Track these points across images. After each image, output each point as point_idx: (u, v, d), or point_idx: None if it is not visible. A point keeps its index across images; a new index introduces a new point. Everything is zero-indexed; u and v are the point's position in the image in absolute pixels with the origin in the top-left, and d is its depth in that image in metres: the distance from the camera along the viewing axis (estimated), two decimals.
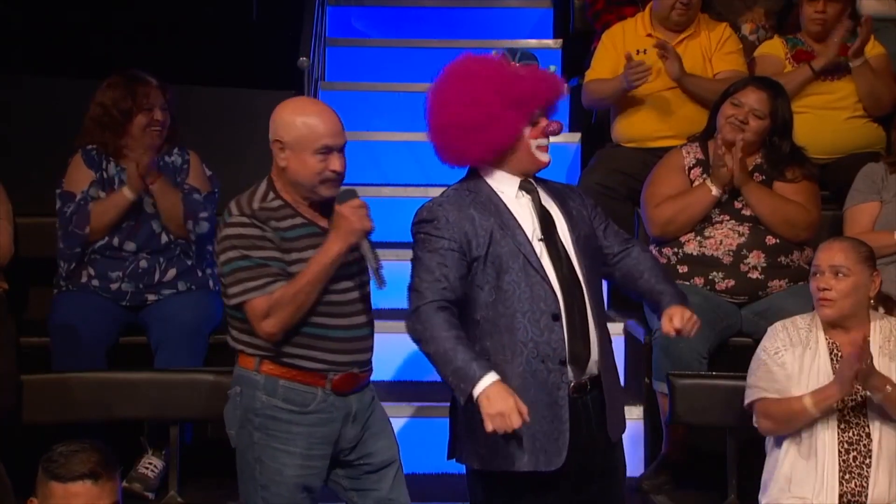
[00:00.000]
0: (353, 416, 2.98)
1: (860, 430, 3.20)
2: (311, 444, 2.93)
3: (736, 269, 3.90)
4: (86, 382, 3.57)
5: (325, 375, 2.93)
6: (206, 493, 3.69)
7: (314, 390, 2.92)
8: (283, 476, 2.92)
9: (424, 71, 5.39)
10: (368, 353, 3.01)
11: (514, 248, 2.84)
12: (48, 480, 2.50)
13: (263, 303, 2.84)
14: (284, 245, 2.87)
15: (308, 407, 2.92)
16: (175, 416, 3.58)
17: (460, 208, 2.88)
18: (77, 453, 2.51)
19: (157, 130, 3.95)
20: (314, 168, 2.87)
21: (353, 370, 2.96)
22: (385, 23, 5.84)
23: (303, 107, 2.94)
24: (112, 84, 3.95)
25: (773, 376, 3.26)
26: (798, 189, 3.97)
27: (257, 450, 2.93)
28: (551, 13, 5.85)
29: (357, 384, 2.98)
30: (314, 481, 2.97)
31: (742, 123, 3.96)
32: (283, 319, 2.84)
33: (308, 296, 2.85)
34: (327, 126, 2.88)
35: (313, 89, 4.85)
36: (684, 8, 4.53)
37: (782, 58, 4.59)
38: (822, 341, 3.27)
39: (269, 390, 2.92)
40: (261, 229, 2.85)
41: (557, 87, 2.89)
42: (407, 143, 5.02)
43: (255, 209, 2.87)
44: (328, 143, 2.87)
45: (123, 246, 3.89)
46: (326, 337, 2.91)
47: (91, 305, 3.83)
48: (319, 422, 2.94)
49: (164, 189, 3.90)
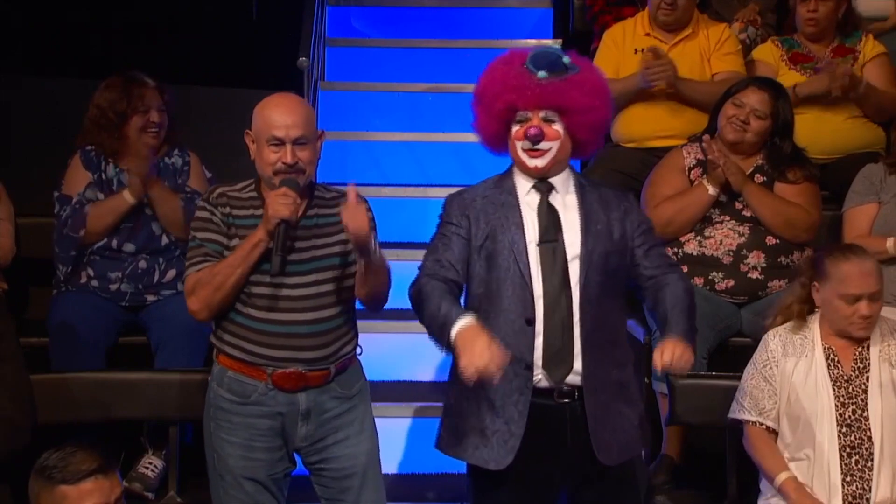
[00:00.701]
0: (301, 414, 2.98)
1: (861, 434, 3.20)
2: (252, 436, 2.96)
3: (736, 270, 3.90)
4: (85, 382, 3.57)
5: (264, 370, 2.95)
6: (205, 493, 3.68)
7: (255, 383, 2.96)
8: (228, 466, 2.98)
9: (424, 71, 5.44)
10: (317, 351, 2.96)
11: (507, 246, 2.88)
12: (54, 486, 2.48)
13: (191, 280, 2.95)
14: (231, 231, 2.94)
15: (249, 398, 2.96)
16: (175, 417, 3.58)
17: (475, 198, 2.96)
18: (75, 453, 2.50)
19: (153, 132, 3.95)
20: (268, 159, 2.93)
21: (297, 367, 2.94)
22: (385, 23, 5.83)
23: (268, 100, 2.98)
24: (109, 85, 3.95)
25: (760, 393, 3.28)
26: (799, 190, 3.97)
27: (212, 439, 3.01)
28: (551, 13, 5.85)
29: (305, 382, 2.96)
30: (262, 474, 2.98)
31: (743, 124, 3.96)
32: (203, 298, 2.92)
33: (225, 277, 2.90)
34: (282, 118, 2.92)
35: (313, 89, 4.84)
36: (669, 8, 4.53)
37: (775, 63, 4.59)
38: (818, 349, 3.28)
39: (218, 381, 3.01)
40: (209, 212, 2.97)
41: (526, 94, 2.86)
42: (406, 143, 5.02)
43: (214, 195, 2.99)
44: (277, 134, 2.91)
45: (123, 247, 3.89)
46: (263, 331, 2.94)
47: (90, 306, 3.83)
48: (260, 414, 2.96)
49: (163, 195, 3.89)
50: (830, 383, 3.23)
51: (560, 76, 2.87)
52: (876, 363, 3.24)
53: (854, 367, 3.25)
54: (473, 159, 5.00)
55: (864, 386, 3.23)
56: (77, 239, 3.84)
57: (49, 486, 2.49)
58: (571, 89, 2.87)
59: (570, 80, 2.87)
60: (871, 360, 3.25)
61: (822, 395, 3.23)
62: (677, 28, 4.59)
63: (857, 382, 3.23)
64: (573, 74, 2.88)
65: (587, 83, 2.90)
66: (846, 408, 3.21)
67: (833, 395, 3.22)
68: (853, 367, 3.25)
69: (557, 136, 2.90)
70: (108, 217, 3.85)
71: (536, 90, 2.86)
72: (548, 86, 2.86)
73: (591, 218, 2.91)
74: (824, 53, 4.60)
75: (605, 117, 2.97)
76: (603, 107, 2.93)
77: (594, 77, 2.95)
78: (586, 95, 2.88)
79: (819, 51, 4.61)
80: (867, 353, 3.27)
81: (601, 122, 2.95)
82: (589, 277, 2.86)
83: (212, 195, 2.99)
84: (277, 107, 2.94)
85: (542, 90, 2.86)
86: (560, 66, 2.88)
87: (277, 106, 2.95)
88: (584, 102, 2.88)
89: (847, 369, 3.25)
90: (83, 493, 2.48)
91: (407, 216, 4.64)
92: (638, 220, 2.99)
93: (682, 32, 4.59)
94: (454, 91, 5.24)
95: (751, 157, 4.02)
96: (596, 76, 2.96)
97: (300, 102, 3.01)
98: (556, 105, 2.87)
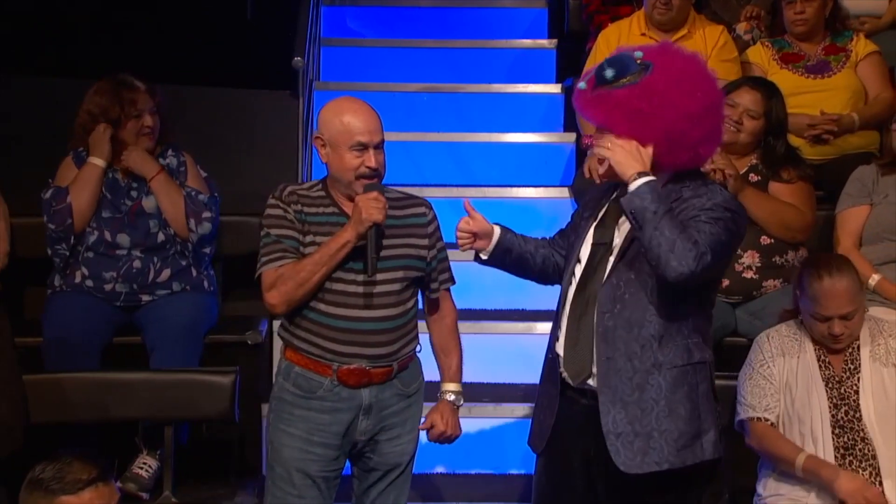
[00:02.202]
0: (365, 409, 3.03)
1: (855, 434, 3.21)
2: (311, 429, 3.01)
3: (731, 269, 3.90)
4: (80, 383, 3.57)
5: (330, 365, 3.00)
6: (200, 493, 3.69)
7: (321, 379, 3.01)
8: (282, 457, 3.03)
9: (419, 71, 5.44)
10: (382, 348, 3.02)
11: (577, 243, 2.91)
12: (54, 498, 2.44)
13: (271, 275, 3.00)
14: (305, 228, 3.00)
15: (314, 394, 3.01)
16: (170, 417, 3.58)
17: (592, 195, 3.00)
18: (72, 463, 2.47)
19: (148, 135, 3.94)
20: (350, 164, 2.99)
21: (361, 364, 2.99)
22: (380, 23, 5.83)
23: (342, 105, 3.05)
24: (99, 90, 3.94)
25: (762, 391, 3.29)
26: (794, 190, 3.97)
27: (270, 431, 3.08)
28: (546, 13, 5.85)
29: (368, 378, 3.01)
30: (314, 469, 3.02)
31: (737, 124, 3.96)
32: (284, 293, 2.97)
33: (310, 274, 2.96)
34: (362, 123, 2.99)
35: (308, 89, 4.84)
36: (664, 8, 4.54)
37: (765, 64, 4.60)
38: (809, 350, 3.29)
39: (285, 375, 3.07)
40: (283, 209, 3.03)
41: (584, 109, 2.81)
42: (402, 143, 5.01)
43: (285, 193, 3.05)
44: (362, 139, 2.98)
45: (117, 239, 3.88)
46: (330, 326, 2.99)
47: (84, 306, 3.82)
48: (323, 409, 3.01)
49: (167, 187, 3.89)
50: (823, 384, 3.25)
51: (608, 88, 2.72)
52: (867, 363, 3.25)
53: (845, 367, 3.27)
54: (469, 159, 5.02)
55: (855, 387, 3.24)
56: (66, 207, 3.82)
57: (48, 497, 2.45)
58: (612, 109, 2.72)
59: (611, 96, 2.71)
60: (862, 360, 3.26)
61: (815, 396, 3.24)
62: (673, 28, 4.59)
63: (849, 384, 3.25)
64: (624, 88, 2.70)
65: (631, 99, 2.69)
66: (839, 409, 3.22)
67: (826, 395, 3.24)
68: (844, 368, 3.27)
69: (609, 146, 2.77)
70: (86, 187, 3.85)
71: (580, 102, 2.83)
72: (592, 98, 2.75)
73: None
74: (816, 52, 4.61)
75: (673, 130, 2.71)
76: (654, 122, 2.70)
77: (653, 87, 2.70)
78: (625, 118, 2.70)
79: (810, 49, 4.62)
80: (857, 354, 3.28)
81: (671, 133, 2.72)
82: (621, 270, 2.78)
83: (283, 193, 3.04)
84: (357, 112, 3.01)
85: (585, 104, 2.80)
86: (604, 80, 2.72)
87: (357, 112, 3.01)
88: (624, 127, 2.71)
89: (838, 370, 3.27)
90: (84, 502, 2.46)
91: None
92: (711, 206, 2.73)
93: (677, 32, 4.59)
94: (449, 91, 5.25)
95: (745, 157, 4.02)
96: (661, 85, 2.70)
97: (372, 107, 3.06)
98: (594, 121, 2.82)
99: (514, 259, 3.01)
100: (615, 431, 2.77)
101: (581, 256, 2.88)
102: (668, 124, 2.71)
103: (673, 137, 2.73)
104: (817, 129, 4.42)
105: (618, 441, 2.76)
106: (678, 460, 2.76)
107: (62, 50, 5.09)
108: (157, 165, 3.92)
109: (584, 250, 2.88)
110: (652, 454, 2.75)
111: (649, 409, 2.76)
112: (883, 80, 4.58)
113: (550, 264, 3.03)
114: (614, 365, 2.77)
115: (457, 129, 5.10)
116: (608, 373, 2.78)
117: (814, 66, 4.58)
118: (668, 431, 2.76)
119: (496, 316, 4.31)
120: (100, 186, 3.87)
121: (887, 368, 3.25)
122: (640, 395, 2.76)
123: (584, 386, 2.84)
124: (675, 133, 2.72)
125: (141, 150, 3.90)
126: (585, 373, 2.82)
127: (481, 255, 2.98)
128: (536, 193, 4.76)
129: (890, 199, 3.93)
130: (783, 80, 4.43)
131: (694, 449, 2.78)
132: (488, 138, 5.05)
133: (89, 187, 3.86)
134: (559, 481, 2.92)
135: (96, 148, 3.88)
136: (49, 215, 3.86)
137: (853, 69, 4.58)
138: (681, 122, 2.72)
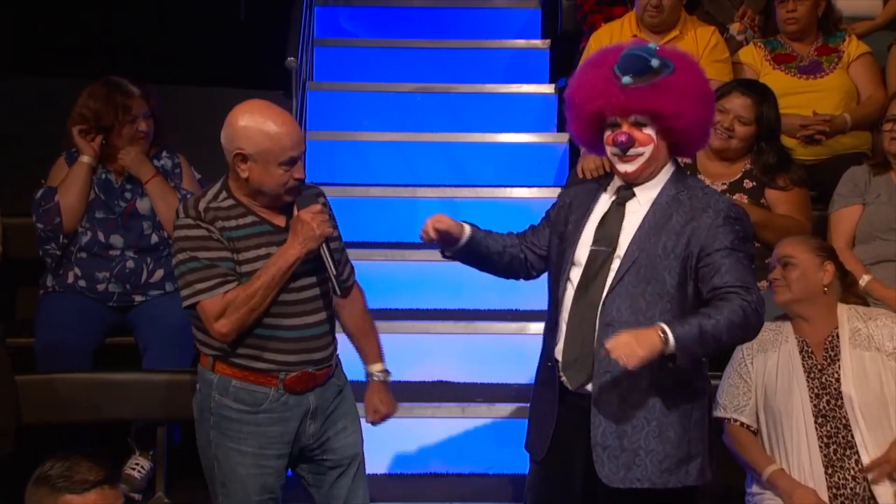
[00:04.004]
0: (311, 412, 2.98)
1: (837, 422, 3.23)
2: (263, 444, 2.94)
3: None
4: (73, 383, 3.57)
5: (276, 375, 2.93)
6: (193, 493, 3.68)
7: (266, 390, 2.93)
8: (237, 475, 2.95)
9: (412, 71, 5.44)
10: (324, 350, 2.98)
11: (570, 244, 2.86)
12: (59, 496, 2.43)
13: (216, 304, 2.85)
14: (234, 245, 2.88)
15: (260, 406, 2.93)
16: (162, 417, 3.57)
17: (577, 192, 2.97)
18: (80, 463, 2.46)
19: (142, 139, 3.93)
20: (280, 179, 2.87)
21: (308, 369, 2.95)
22: (373, 23, 5.83)
23: (260, 114, 2.86)
24: (93, 94, 3.90)
25: (735, 390, 3.32)
26: (790, 197, 3.96)
27: (214, 448, 2.97)
28: (539, 13, 5.85)
29: (314, 382, 2.97)
30: (271, 480, 2.97)
31: (728, 131, 3.96)
32: (236, 321, 2.86)
33: (262, 299, 2.86)
34: (292, 136, 2.86)
35: (301, 89, 4.84)
36: (655, 10, 4.54)
37: (757, 65, 4.61)
38: (791, 339, 3.32)
39: (221, 390, 2.94)
40: (206, 230, 2.86)
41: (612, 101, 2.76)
42: (395, 143, 5.02)
43: (200, 210, 2.88)
44: (293, 154, 2.87)
45: (110, 240, 3.87)
46: (276, 337, 2.91)
47: (77, 306, 3.82)
48: (271, 421, 2.94)
49: (162, 190, 3.88)
50: (804, 374, 3.26)
51: (647, 80, 2.74)
52: (846, 349, 3.26)
53: (825, 355, 3.28)
54: (462, 159, 5.02)
55: (836, 374, 3.26)
56: (55, 226, 3.80)
57: (53, 495, 2.44)
58: (659, 95, 2.73)
59: (657, 84, 2.74)
60: (842, 346, 3.28)
61: (796, 387, 3.26)
62: (664, 30, 4.60)
63: (830, 371, 3.27)
64: (663, 77, 2.74)
65: (678, 85, 2.75)
66: (820, 398, 3.25)
67: (807, 386, 3.26)
68: (824, 356, 3.28)
69: (649, 140, 2.79)
70: (73, 185, 3.82)
71: (622, 97, 2.75)
72: (634, 91, 2.74)
73: (654, 223, 2.78)
74: (808, 52, 4.62)
75: (702, 118, 2.82)
76: (697, 108, 2.78)
77: (686, 77, 2.78)
78: (678, 99, 2.74)
79: (803, 49, 4.63)
80: (837, 342, 3.29)
81: (696, 123, 2.81)
82: (628, 282, 2.76)
83: (199, 212, 2.87)
84: (283, 124, 2.85)
85: (628, 97, 2.75)
86: (648, 69, 2.74)
87: (283, 123, 2.85)
88: (674, 107, 2.74)
89: (819, 359, 3.28)
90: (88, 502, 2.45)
91: (395, 216, 4.64)
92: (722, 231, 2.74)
93: (669, 34, 4.60)
94: (443, 91, 5.25)
95: (738, 162, 4.02)
96: (688, 76, 2.79)
97: (287, 113, 2.93)
98: (642, 111, 2.76)
99: (480, 257, 3.00)
100: (603, 444, 2.78)
101: (577, 259, 2.85)
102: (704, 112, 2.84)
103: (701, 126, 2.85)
104: (810, 129, 4.42)
105: (604, 453, 2.78)
106: (661, 481, 2.78)
107: (55, 49, 5.08)
108: (152, 168, 3.90)
109: (581, 253, 2.84)
110: (635, 471, 2.77)
111: (640, 428, 2.78)
112: (875, 80, 4.59)
113: (518, 262, 3.01)
114: (612, 379, 2.76)
115: (450, 130, 5.10)
116: (604, 386, 2.78)
117: (806, 66, 4.59)
118: (655, 452, 2.78)
119: (489, 316, 4.31)
120: (88, 184, 3.85)
121: (869, 352, 3.26)
122: (633, 413, 2.77)
123: (582, 391, 2.82)
124: (704, 123, 2.86)
125: (138, 151, 3.88)
126: (586, 378, 2.81)
127: (446, 252, 2.98)
128: (530, 193, 4.76)
129: (882, 199, 3.95)
130: (776, 80, 4.44)
131: (678, 473, 2.80)
132: (482, 138, 5.06)
133: (77, 185, 3.83)
134: (558, 486, 2.90)
135: (83, 147, 3.86)
136: (38, 215, 3.85)
137: (845, 70, 4.59)
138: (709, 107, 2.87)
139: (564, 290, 2.86)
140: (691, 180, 2.92)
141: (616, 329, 2.71)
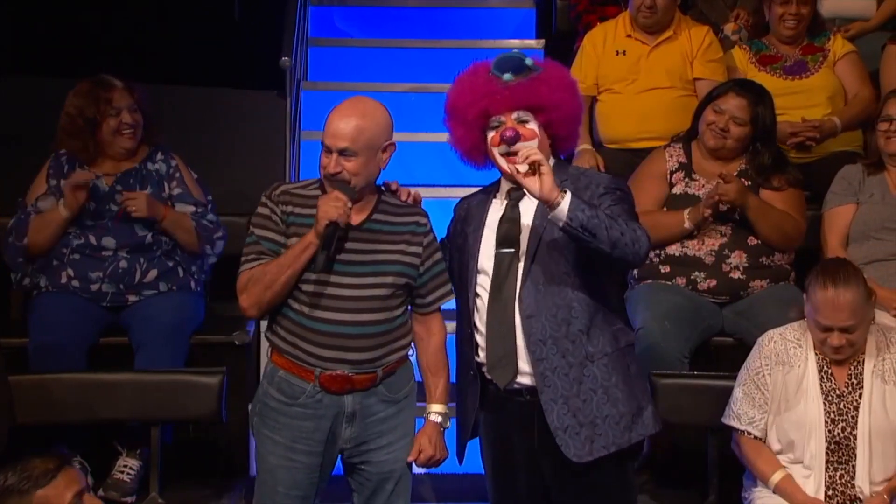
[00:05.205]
0: (348, 416, 2.98)
1: (850, 451, 3.18)
2: (295, 437, 2.97)
3: (718, 270, 3.91)
4: (66, 383, 3.56)
5: (312, 371, 2.95)
6: (186, 493, 3.68)
7: (304, 384, 2.97)
8: (268, 463, 3.00)
9: (407, 71, 5.44)
10: (363, 353, 2.96)
11: (471, 255, 2.97)
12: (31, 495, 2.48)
13: (243, 278, 2.96)
14: (290, 229, 2.95)
15: (297, 400, 2.97)
16: (156, 417, 3.56)
17: (468, 204, 3.08)
18: (31, 461, 2.52)
19: (128, 133, 3.92)
20: (321, 162, 2.96)
21: (343, 369, 2.94)
22: (368, 23, 5.83)
23: (340, 104, 2.97)
24: (78, 92, 3.92)
25: (751, 401, 3.26)
26: (785, 198, 3.96)
27: (256, 434, 3.05)
28: (534, 13, 5.86)
29: (350, 385, 2.96)
30: (300, 476, 2.98)
31: (723, 132, 3.96)
32: (253, 295, 2.93)
33: (275, 276, 2.91)
34: (333, 126, 2.92)
35: (295, 89, 4.84)
36: (649, 11, 4.56)
37: (744, 67, 4.62)
38: (811, 359, 3.24)
39: (269, 378, 3.03)
40: (270, 210, 2.98)
41: (496, 98, 2.91)
42: None
43: (276, 192, 2.99)
44: (326, 141, 2.94)
45: (102, 242, 3.86)
46: (313, 329, 2.94)
47: (70, 306, 3.80)
48: (304, 416, 2.96)
49: (177, 220, 3.89)
50: (822, 397, 3.20)
51: (526, 76, 2.93)
52: (869, 379, 3.20)
53: (848, 382, 3.21)
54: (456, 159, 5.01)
55: (856, 403, 3.19)
56: (21, 247, 3.82)
57: (24, 498, 2.49)
58: (540, 86, 2.92)
59: (536, 78, 2.93)
60: (865, 375, 3.20)
61: (813, 409, 3.20)
62: (658, 30, 4.61)
63: (850, 399, 3.20)
64: (538, 73, 2.94)
65: (553, 79, 2.95)
66: (836, 424, 3.19)
67: (823, 410, 3.19)
68: (847, 383, 3.21)
69: (533, 134, 2.93)
70: (45, 229, 3.82)
71: (506, 92, 2.92)
72: (516, 86, 2.92)
73: (545, 212, 2.84)
74: (794, 53, 4.63)
75: (577, 110, 3.01)
76: (573, 100, 2.98)
77: (559, 73, 3.00)
78: (555, 91, 2.93)
79: (788, 50, 4.64)
80: (862, 368, 3.22)
81: (574, 115, 3.00)
82: (536, 273, 2.89)
83: (274, 192, 2.99)
84: (336, 113, 2.93)
85: (512, 91, 2.92)
86: (523, 67, 2.94)
87: (336, 113, 2.93)
88: (555, 98, 2.92)
89: (840, 384, 3.21)
90: (60, 488, 2.50)
91: None
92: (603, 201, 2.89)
93: (662, 34, 4.61)
94: (437, 91, 5.20)
95: (733, 162, 4.02)
96: (560, 72, 3.01)
97: (362, 113, 2.93)
98: (527, 104, 2.93)
99: None
100: (562, 427, 2.88)
101: (482, 268, 2.96)
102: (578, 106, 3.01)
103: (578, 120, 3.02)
104: (800, 136, 4.43)
105: (566, 434, 2.88)
106: (624, 440, 2.92)
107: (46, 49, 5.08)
108: (163, 207, 3.88)
109: (485, 261, 2.96)
110: (599, 440, 2.89)
111: (589, 399, 2.90)
112: (861, 78, 4.59)
113: None
114: (550, 364, 2.89)
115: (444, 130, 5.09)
116: (545, 372, 2.89)
117: (791, 66, 4.59)
118: (611, 416, 2.91)
119: None
120: (61, 232, 3.82)
121: (888, 386, 3.19)
122: (579, 388, 2.89)
123: (513, 386, 2.93)
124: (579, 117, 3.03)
125: (144, 197, 3.83)
126: (513, 374, 2.92)
127: None
128: None
129: (875, 198, 3.95)
130: (762, 83, 4.43)
131: (636, 427, 2.95)
132: None
133: (48, 231, 3.82)
134: (506, 478, 3.02)
135: (68, 197, 3.79)
136: (5, 245, 3.85)
137: (831, 68, 4.60)
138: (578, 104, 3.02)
139: (475, 300, 2.97)
140: (572, 168, 3.08)
141: (538, 319, 2.86)
